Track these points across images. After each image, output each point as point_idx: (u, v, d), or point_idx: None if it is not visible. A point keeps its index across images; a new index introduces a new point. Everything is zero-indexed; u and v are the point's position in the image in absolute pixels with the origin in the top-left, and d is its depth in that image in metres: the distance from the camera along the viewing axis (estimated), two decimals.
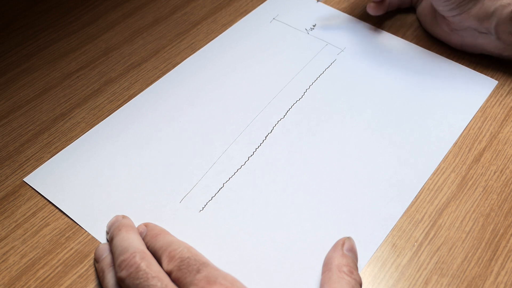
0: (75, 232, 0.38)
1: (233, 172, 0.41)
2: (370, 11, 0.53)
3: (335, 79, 0.48)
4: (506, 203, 0.39)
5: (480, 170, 0.41)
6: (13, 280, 0.36)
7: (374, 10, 0.53)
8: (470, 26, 0.47)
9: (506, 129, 0.44)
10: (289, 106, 0.46)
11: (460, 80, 0.48)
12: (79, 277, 0.36)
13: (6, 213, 0.40)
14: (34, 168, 0.42)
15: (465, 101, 0.46)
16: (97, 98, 0.48)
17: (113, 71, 0.51)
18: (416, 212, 0.39)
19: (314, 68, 0.49)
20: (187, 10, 0.57)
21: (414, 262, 0.36)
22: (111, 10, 0.57)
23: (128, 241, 0.34)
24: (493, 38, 0.46)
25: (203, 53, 0.52)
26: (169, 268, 0.31)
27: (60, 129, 0.45)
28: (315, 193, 0.40)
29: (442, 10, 0.47)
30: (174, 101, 0.47)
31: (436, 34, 0.51)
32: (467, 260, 0.36)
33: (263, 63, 0.50)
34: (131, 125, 0.45)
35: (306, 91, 0.47)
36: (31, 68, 0.51)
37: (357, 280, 0.32)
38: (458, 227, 0.38)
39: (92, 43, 0.53)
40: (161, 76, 0.50)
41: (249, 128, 0.45)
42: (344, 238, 0.35)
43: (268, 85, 0.48)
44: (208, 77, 0.49)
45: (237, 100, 0.47)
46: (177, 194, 0.40)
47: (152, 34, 0.54)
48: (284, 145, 0.43)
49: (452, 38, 0.50)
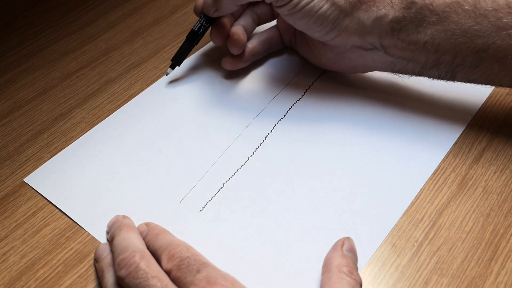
0: (75, 232, 0.38)
1: (233, 172, 0.41)
2: (227, 66, 0.47)
3: (335, 79, 0.48)
4: (506, 203, 0.39)
5: (480, 170, 0.41)
6: (13, 280, 0.36)
7: (231, 65, 0.47)
8: (355, 45, 0.42)
9: (506, 129, 0.44)
10: (289, 106, 0.46)
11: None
12: (79, 277, 0.36)
13: (6, 213, 0.40)
14: (34, 168, 0.42)
15: (465, 101, 0.46)
16: (97, 98, 0.48)
17: (113, 71, 0.51)
18: (416, 212, 0.39)
19: (314, 68, 0.49)
20: (187, 10, 0.57)
21: (414, 262, 0.36)
22: (111, 10, 0.57)
23: (128, 241, 0.34)
24: (381, 54, 0.42)
25: (203, 53, 0.51)
26: (168, 267, 0.31)
27: (60, 129, 0.45)
28: (315, 193, 0.40)
29: (318, 36, 0.42)
30: (174, 101, 0.47)
31: (324, 64, 0.47)
32: (467, 260, 0.36)
33: (263, 63, 0.50)
34: (131, 125, 0.45)
35: (306, 91, 0.47)
36: (31, 68, 0.51)
37: (357, 280, 0.32)
38: (458, 227, 0.38)
39: (92, 43, 0.53)
40: (161, 76, 0.50)
41: (249, 128, 0.45)
42: (344, 238, 0.35)
43: (268, 85, 0.48)
44: (208, 77, 0.49)
45: (237, 100, 0.47)
46: (177, 194, 0.40)
47: (152, 34, 0.54)
48: (284, 145, 0.43)
49: (341, 63, 0.45)
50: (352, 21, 0.41)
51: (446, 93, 0.47)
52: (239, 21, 0.47)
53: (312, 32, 0.42)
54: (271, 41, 0.49)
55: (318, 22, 0.41)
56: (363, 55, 0.43)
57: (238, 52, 0.46)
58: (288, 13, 0.41)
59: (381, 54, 0.43)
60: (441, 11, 0.39)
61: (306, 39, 0.47)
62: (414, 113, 0.45)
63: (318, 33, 0.42)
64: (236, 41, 0.45)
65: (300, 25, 0.42)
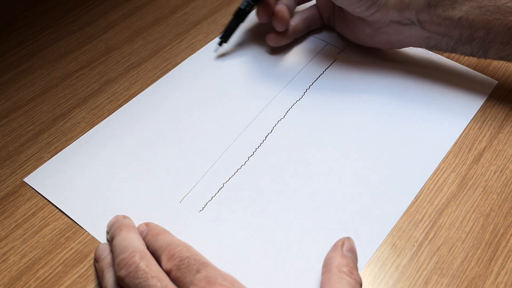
0: (75, 232, 0.38)
1: (233, 172, 0.41)
2: (271, 42, 0.50)
3: (335, 79, 0.48)
4: (506, 203, 0.39)
5: (480, 170, 0.41)
6: (13, 280, 0.36)
7: (275, 41, 0.50)
8: (393, 20, 0.45)
9: (506, 129, 0.44)
10: (289, 106, 0.46)
11: (460, 80, 0.48)
12: (79, 277, 0.36)
13: (6, 213, 0.40)
14: (34, 168, 0.42)
15: (465, 101, 0.46)
16: (97, 98, 0.48)
17: (113, 71, 0.51)
18: (416, 212, 0.39)
19: (314, 68, 0.49)
20: (187, 10, 0.57)
21: (414, 262, 0.36)
22: (111, 10, 0.57)
23: (128, 241, 0.34)
24: (418, 29, 0.44)
25: (203, 53, 0.51)
26: (168, 267, 0.31)
27: (60, 129, 0.45)
28: (315, 193, 0.40)
29: (359, 11, 0.44)
30: (174, 101, 0.47)
31: (362, 40, 0.49)
32: (467, 260, 0.36)
33: (263, 63, 0.50)
34: (131, 125, 0.45)
35: (306, 91, 0.47)
36: (31, 68, 0.51)
37: (357, 280, 0.32)
38: (458, 227, 0.38)
39: (92, 43, 0.53)
40: (161, 76, 0.50)
41: (249, 128, 0.45)
42: (344, 238, 0.35)
43: (269, 84, 0.48)
44: (208, 77, 0.49)
45: (237, 100, 0.47)
46: (177, 194, 0.40)
47: (152, 34, 0.54)
48: (284, 145, 0.43)
49: (378, 39, 0.48)
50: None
51: (446, 93, 0.47)
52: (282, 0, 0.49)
53: (353, 8, 0.44)
54: (311, 19, 0.52)
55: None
56: (400, 30, 0.45)
57: (283, 28, 0.49)
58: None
59: (417, 29, 0.45)
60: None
61: (344, 16, 0.49)
62: (413, 114, 0.45)
63: (358, 9, 0.44)
64: (281, 18, 0.48)
65: (342, 1, 0.44)
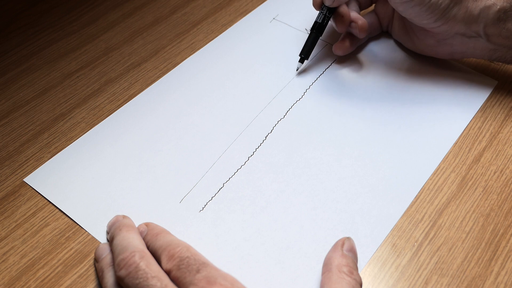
0: (75, 232, 0.38)
1: (233, 172, 0.41)
2: (339, 52, 0.49)
3: (335, 79, 0.48)
4: (506, 203, 0.39)
5: (480, 170, 0.41)
6: (13, 280, 0.36)
7: (343, 50, 0.49)
8: (458, 32, 0.44)
9: (506, 129, 0.44)
10: (289, 106, 0.46)
11: (460, 80, 0.48)
12: (79, 277, 0.36)
13: (6, 213, 0.40)
14: (34, 168, 0.42)
15: (465, 101, 0.46)
16: (97, 98, 0.48)
17: (113, 71, 0.51)
18: (416, 212, 0.39)
19: (314, 68, 0.49)
20: (187, 10, 0.57)
21: (414, 262, 0.36)
22: (111, 10, 0.57)
23: (128, 241, 0.34)
24: (483, 41, 0.44)
25: (203, 53, 0.52)
26: (168, 267, 0.31)
27: (60, 129, 0.45)
28: (315, 193, 0.40)
29: (426, 23, 0.44)
30: (174, 101, 0.47)
31: (421, 50, 0.49)
32: (467, 260, 0.36)
33: (263, 63, 0.50)
34: (131, 125, 0.45)
35: (306, 91, 0.47)
36: (31, 68, 0.51)
37: (357, 280, 0.32)
38: (458, 227, 0.38)
39: (92, 43, 0.53)
40: (161, 76, 0.50)
41: (249, 128, 0.45)
42: (344, 238, 0.35)
43: (268, 85, 0.48)
44: (208, 77, 0.49)
45: (237, 100, 0.47)
46: (177, 194, 0.40)
47: (152, 34, 0.54)
48: (284, 145, 0.43)
49: (440, 50, 0.47)
50: (460, 10, 0.43)
51: (446, 93, 0.47)
52: (351, 7, 0.49)
53: (420, 19, 0.44)
54: (372, 26, 0.51)
55: (429, 10, 0.43)
56: (465, 42, 0.45)
57: (364, 35, 0.48)
58: (400, 1, 0.43)
59: (482, 41, 0.44)
60: None
61: (405, 25, 0.49)
62: (413, 114, 0.45)
63: (426, 21, 0.44)
64: (362, 25, 0.48)
65: (410, 12, 0.44)
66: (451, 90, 0.47)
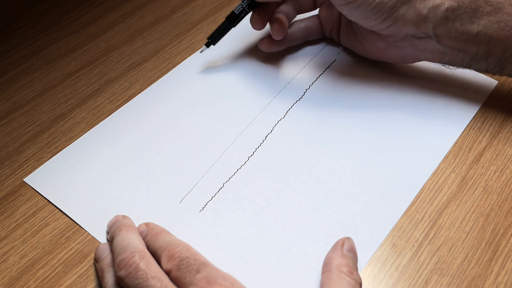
0: (75, 232, 0.38)
1: (233, 172, 0.41)
2: (263, 47, 0.48)
3: (335, 79, 0.48)
4: (506, 203, 0.39)
5: (480, 170, 0.41)
6: (13, 280, 0.36)
7: (267, 47, 0.48)
8: (408, 33, 0.43)
9: (506, 129, 0.44)
10: (289, 106, 0.46)
11: (460, 80, 0.48)
12: (79, 277, 0.36)
13: (6, 213, 0.40)
14: (34, 168, 0.42)
15: (465, 101, 0.46)
16: (97, 98, 0.48)
17: (113, 71, 0.51)
18: (416, 212, 0.39)
19: (314, 68, 0.49)
20: (187, 10, 0.57)
21: (414, 262, 0.36)
22: (111, 10, 0.57)
23: (128, 241, 0.34)
24: (433, 42, 0.43)
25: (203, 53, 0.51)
26: (168, 267, 0.31)
27: (60, 129, 0.45)
28: (315, 193, 0.40)
29: (374, 25, 0.43)
30: (174, 101, 0.47)
31: (373, 54, 0.48)
32: (467, 260, 0.36)
33: (263, 63, 0.50)
34: (131, 125, 0.45)
35: (306, 91, 0.47)
36: (31, 68, 0.51)
37: (357, 280, 0.32)
38: (458, 227, 0.38)
39: (92, 43, 0.53)
40: (161, 76, 0.50)
41: (249, 128, 0.45)
42: (344, 238, 0.35)
43: (269, 84, 0.48)
44: (208, 76, 0.49)
45: (237, 100, 0.47)
46: (177, 194, 0.40)
47: (152, 34, 0.54)
48: (284, 145, 0.43)
49: (391, 53, 0.46)
50: (409, 9, 0.42)
51: (446, 93, 0.47)
52: (281, 8, 0.48)
53: (368, 21, 0.43)
54: (309, 30, 0.50)
55: (375, 10, 0.41)
56: (415, 44, 0.44)
57: (279, 37, 0.47)
58: (344, 2, 0.42)
59: (433, 43, 0.43)
60: (495, 2, 0.40)
61: (353, 30, 0.48)
62: (413, 114, 0.45)
63: (374, 22, 0.42)
64: (278, 27, 0.46)
65: (355, 14, 0.43)
66: (451, 90, 0.47)
